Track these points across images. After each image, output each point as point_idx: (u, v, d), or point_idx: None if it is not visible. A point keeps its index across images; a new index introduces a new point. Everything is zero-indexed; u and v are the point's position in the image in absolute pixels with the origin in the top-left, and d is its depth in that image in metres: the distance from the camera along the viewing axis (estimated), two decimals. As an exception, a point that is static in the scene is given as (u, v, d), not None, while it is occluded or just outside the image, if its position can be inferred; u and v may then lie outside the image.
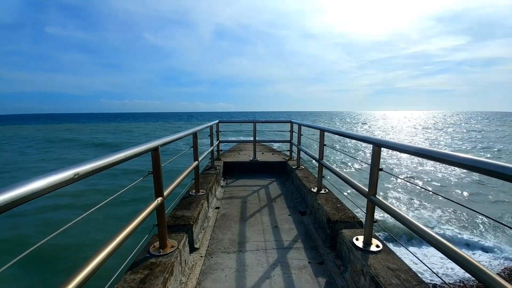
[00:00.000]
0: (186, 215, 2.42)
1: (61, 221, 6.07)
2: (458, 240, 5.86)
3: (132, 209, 7.16)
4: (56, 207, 7.65)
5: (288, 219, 3.00)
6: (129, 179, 10.38)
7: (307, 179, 3.69)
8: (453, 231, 6.32)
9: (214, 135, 4.52)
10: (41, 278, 4.62)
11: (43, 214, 7.16)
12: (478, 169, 0.97)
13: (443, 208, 7.56)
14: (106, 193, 8.59)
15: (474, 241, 5.82)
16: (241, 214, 3.16)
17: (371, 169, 1.77)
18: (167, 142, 1.83)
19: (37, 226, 6.56)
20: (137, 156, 1.46)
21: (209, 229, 2.75)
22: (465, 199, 8.81)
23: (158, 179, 1.72)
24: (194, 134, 2.89)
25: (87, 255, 1.04)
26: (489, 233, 6.22)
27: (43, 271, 4.75)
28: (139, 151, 1.46)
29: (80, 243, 5.43)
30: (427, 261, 4.97)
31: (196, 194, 2.99)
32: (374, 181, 1.77)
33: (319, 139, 3.01)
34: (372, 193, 1.80)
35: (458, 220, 6.91)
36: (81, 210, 1.08)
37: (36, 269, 4.73)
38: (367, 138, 1.82)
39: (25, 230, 6.38)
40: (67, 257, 5.01)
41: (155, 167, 1.71)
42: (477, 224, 6.59)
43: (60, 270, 4.72)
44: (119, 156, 1.23)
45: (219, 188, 4.11)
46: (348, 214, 2.42)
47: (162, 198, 1.75)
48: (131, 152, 1.36)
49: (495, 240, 5.92)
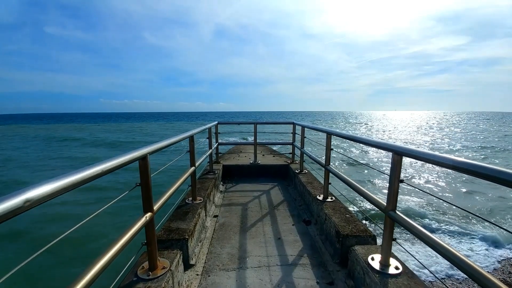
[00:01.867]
0: (181, 227, 2.20)
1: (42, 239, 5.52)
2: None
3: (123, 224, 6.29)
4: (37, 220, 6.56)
5: (292, 229, 2.78)
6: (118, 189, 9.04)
7: (311, 185, 3.47)
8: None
9: (213, 137, 4.31)
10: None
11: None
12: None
13: (482, 232, 5.82)
14: (91, 205, 7.55)
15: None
16: (241, 223, 2.94)
17: (391, 181, 1.55)
18: (157, 150, 1.61)
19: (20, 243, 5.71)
20: (120, 168, 1.24)
21: (206, 241, 2.53)
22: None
23: (147, 192, 1.51)
24: (190, 137, 2.67)
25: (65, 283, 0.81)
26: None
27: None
28: (122, 162, 1.25)
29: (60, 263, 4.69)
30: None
31: (192, 203, 2.77)
32: (393, 194, 1.55)
33: (326, 143, 2.78)
34: (391, 208, 1.58)
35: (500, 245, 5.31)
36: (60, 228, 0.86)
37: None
38: (386, 145, 1.60)
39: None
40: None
41: (143, 179, 1.49)
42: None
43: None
44: (95, 170, 1.02)
45: (218, 194, 3.90)
46: (359, 227, 2.20)
47: (152, 214, 1.53)
48: (112, 165, 1.15)
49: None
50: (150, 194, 1.52)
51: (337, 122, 57.02)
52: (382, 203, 1.65)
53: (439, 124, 51.86)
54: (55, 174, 0.86)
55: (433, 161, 1.25)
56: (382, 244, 1.68)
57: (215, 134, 4.75)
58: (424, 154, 1.32)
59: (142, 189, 1.50)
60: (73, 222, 1.02)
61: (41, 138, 28.85)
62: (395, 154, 1.52)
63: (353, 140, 2.12)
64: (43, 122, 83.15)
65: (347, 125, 52.49)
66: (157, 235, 2.04)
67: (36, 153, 18.24)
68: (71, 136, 30.35)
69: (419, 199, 7.98)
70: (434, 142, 24.30)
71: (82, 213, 6.32)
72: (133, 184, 1.49)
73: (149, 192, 1.51)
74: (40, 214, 6.77)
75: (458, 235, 5.91)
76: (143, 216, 1.46)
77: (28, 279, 4.35)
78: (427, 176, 11.09)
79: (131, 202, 6.29)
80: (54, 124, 67.85)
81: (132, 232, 1.33)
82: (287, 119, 18.87)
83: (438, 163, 1.22)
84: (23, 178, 11.33)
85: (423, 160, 1.34)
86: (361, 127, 48.02)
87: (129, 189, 1.47)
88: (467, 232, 5.99)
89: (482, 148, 19.42)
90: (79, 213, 7.00)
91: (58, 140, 27.05)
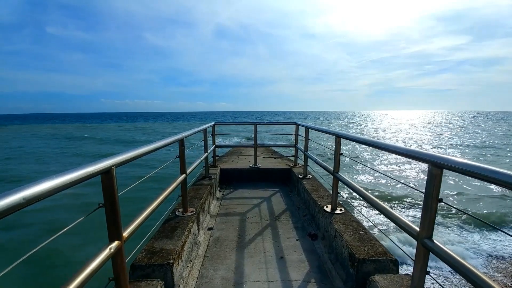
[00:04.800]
0: (166, 247, 1.87)
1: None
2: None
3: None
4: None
5: (296, 245, 2.44)
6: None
7: (317, 193, 3.12)
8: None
9: (209, 139, 3.97)
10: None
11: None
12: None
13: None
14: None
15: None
16: (239, 237, 2.60)
17: (427, 200, 1.21)
18: (126, 161, 1.27)
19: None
20: (73, 186, 0.92)
21: (198, 261, 2.19)
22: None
23: (113, 214, 1.17)
24: (180, 141, 2.34)
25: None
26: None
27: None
28: (77, 177, 0.93)
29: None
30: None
31: (183, 215, 2.44)
32: (430, 217, 1.21)
33: (335, 147, 2.44)
34: (427, 234, 1.23)
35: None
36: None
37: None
38: (421, 155, 1.25)
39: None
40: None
41: (107, 198, 1.16)
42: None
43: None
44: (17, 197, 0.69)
45: (214, 202, 3.56)
46: (377, 248, 1.86)
47: (120, 243, 1.20)
48: (58, 183, 0.83)
49: None
50: (117, 218, 1.19)
51: (341, 123, 55.44)
52: (413, 228, 1.31)
53: (452, 123, 50.22)
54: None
55: (490, 179, 0.91)
56: (412, 278, 1.33)
57: (212, 136, 4.42)
58: (476, 168, 0.98)
59: (107, 212, 1.17)
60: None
61: (62, 137, 29.57)
62: (433, 166, 1.17)
63: (374, 146, 1.75)
64: (50, 122, 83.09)
65: (351, 125, 50.34)
66: (136, 260, 1.71)
67: (72, 150, 19.36)
68: (85, 136, 31.20)
69: (456, 220, 6.16)
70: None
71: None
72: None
73: (116, 214, 1.18)
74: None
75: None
76: (106, 248, 1.13)
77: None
78: (468, 190, 8.37)
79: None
80: (59, 124, 67.88)
81: (94, 265, 1.01)
82: (288, 119, 18.05)
83: (497, 182, 0.88)
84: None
85: (473, 176, 1.00)
86: (365, 126, 47.21)
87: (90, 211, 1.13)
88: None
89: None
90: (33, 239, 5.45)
91: (78, 139, 27.69)
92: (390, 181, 9.36)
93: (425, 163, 1.22)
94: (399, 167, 12.73)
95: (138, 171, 10.52)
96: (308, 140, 3.74)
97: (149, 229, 2.07)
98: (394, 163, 13.50)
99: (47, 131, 39.07)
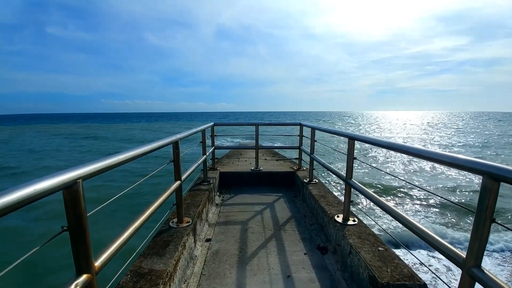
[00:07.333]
0: (156, 268, 1.61)
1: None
2: None
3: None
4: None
5: (304, 260, 2.18)
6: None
7: (325, 200, 2.86)
8: None
9: (208, 140, 3.72)
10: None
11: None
12: None
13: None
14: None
15: None
16: (240, 250, 2.34)
17: (477, 221, 0.95)
18: (95, 173, 1.01)
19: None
20: (27, 204, 0.69)
21: (193, 279, 1.94)
22: None
23: (80, 239, 0.92)
24: (174, 144, 2.09)
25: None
26: None
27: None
28: (35, 193, 0.69)
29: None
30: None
31: (178, 226, 2.18)
32: (481, 242, 0.95)
33: (348, 150, 2.18)
34: (475, 262, 0.97)
35: None
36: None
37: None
38: (473, 164, 0.98)
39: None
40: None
41: (71, 220, 0.90)
42: None
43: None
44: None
45: (212, 208, 3.30)
46: (401, 269, 1.59)
47: (90, 276, 0.94)
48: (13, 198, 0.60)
49: None
50: (86, 244, 0.93)
51: (347, 125, 54.20)
52: (459, 254, 1.05)
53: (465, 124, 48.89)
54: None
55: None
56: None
57: (211, 138, 4.17)
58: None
59: (72, 237, 0.91)
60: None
61: (81, 136, 30.75)
62: (490, 178, 0.91)
63: (401, 151, 1.45)
64: (53, 122, 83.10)
65: (360, 127, 48.98)
66: (120, 284, 1.46)
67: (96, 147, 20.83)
68: (96, 135, 32.68)
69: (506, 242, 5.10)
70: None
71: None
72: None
73: (84, 240, 0.92)
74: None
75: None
76: (70, 285, 0.87)
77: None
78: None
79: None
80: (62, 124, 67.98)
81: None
82: (291, 119, 17.48)
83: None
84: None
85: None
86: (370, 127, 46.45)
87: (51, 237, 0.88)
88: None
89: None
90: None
91: (92, 138, 29.25)
92: (420, 191, 7.65)
93: (477, 174, 0.97)
94: (410, 166, 12.00)
95: (130, 179, 10.00)
96: (314, 142, 3.49)
97: (140, 241, 1.82)
98: (403, 163, 12.94)
99: (63, 131, 40.10)
